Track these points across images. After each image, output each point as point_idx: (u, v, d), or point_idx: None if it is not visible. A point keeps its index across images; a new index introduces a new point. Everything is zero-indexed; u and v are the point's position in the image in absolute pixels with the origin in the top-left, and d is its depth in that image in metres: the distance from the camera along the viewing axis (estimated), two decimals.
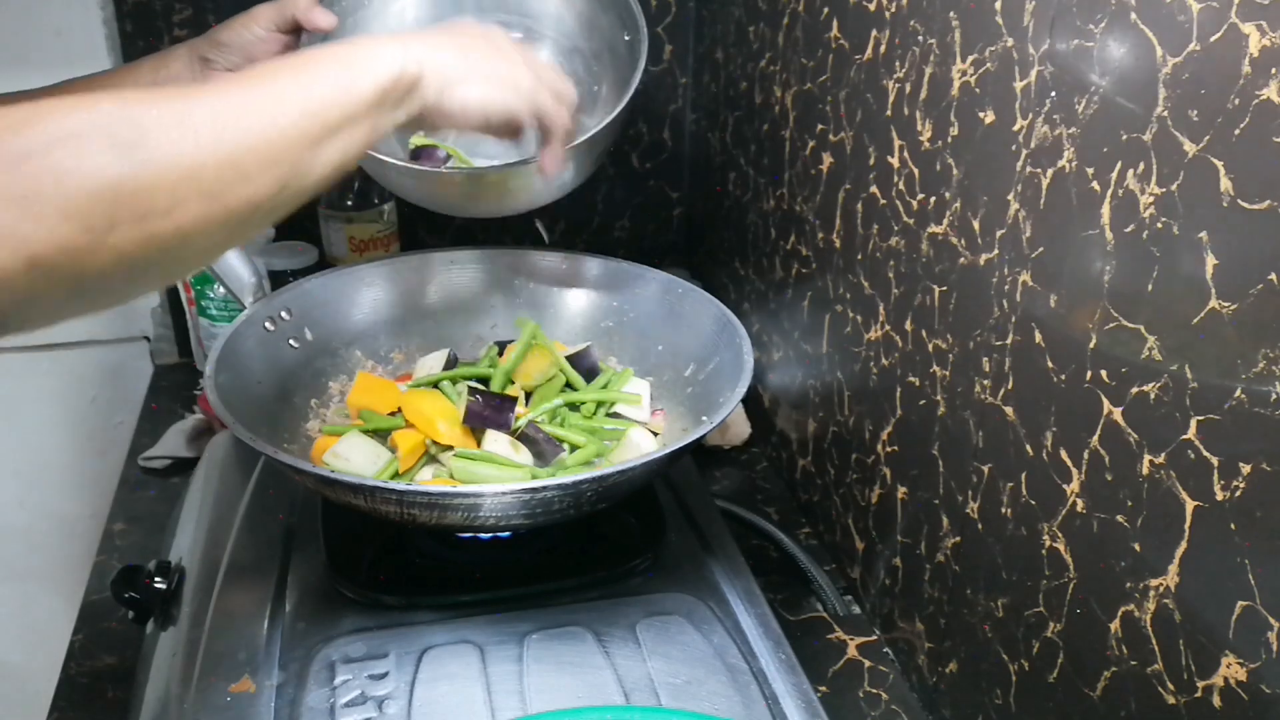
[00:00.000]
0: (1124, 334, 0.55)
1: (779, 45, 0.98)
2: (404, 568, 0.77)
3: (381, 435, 0.80)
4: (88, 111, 0.44)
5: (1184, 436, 0.51)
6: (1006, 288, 0.65)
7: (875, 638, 0.87)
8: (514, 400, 0.79)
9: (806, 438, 1.00)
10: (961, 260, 0.70)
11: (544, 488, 0.65)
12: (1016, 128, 0.63)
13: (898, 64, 0.76)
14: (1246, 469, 0.48)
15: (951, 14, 0.69)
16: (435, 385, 0.84)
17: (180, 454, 1.08)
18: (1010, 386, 0.66)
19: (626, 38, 0.91)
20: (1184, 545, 0.52)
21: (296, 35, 0.83)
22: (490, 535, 0.77)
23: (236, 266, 0.84)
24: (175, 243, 0.46)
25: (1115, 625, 0.58)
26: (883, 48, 0.78)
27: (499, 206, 0.88)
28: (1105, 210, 0.55)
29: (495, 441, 0.77)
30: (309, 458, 0.80)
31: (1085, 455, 0.59)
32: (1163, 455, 0.53)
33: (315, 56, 0.57)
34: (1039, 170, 0.61)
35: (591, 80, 0.97)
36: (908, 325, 0.78)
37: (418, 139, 0.91)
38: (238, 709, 0.65)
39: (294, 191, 0.52)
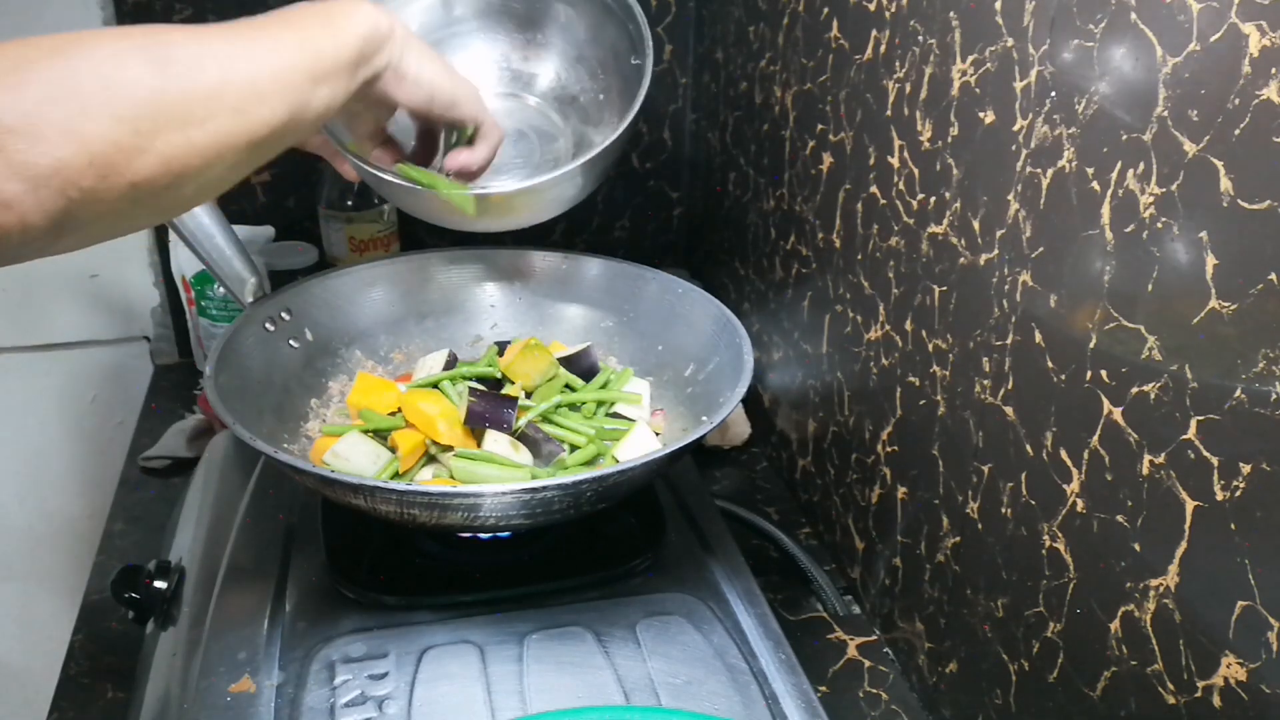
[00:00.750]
0: (1124, 334, 0.55)
1: (779, 45, 0.98)
2: (404, 568, 0.77)
3: (381, 435, 0.80)
4: (124, 37, 0.51)
5: (1184, 436, 0.51)
6: (1006, 288, 0.65)
7: (875, 638, 0.87)
8: (514, 400, 0.79)
9: (806, 438, 1.00)
10: (961, 260, 0.70)
11: (544, 488, 0.65)
12: (1016, 128, 0.63)
13: (898, 64, 0.76)
14: (1246, 469, 0.48)
15: (951, 14, 0.69)
16: (435, 385, 0.84)
17: (180, 454, 1.08)
18: (1010, 386, 0.66)
19: (635, 61, 0.91)
20: (1184, 545, 0.52)
21: None
22: (490, 535, 0.77)
23: (236, 266, 0.84)
24: (212, 153, 0.52)
25: (1115, 625, 0.58)
26: (883, 48, 0.78)
27: (503, 222, 0.88)
28: (1105, 210, 0.55)
29: (495, 441, 0.77)
30: (309, 458, 0.80)
31: (1085, 455, 0.59)
32: (1163, 455, 0.53)
33: (305, 13, 0.61)
34: (1039, 170, 0.61)
35: (597, 90, 0.97)
36: (908, 325, 0.78)
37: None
38: (238, 709, 0.64)
39: (299, 123, 0.58)
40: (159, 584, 0.77)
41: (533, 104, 0.99)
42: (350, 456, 0.76)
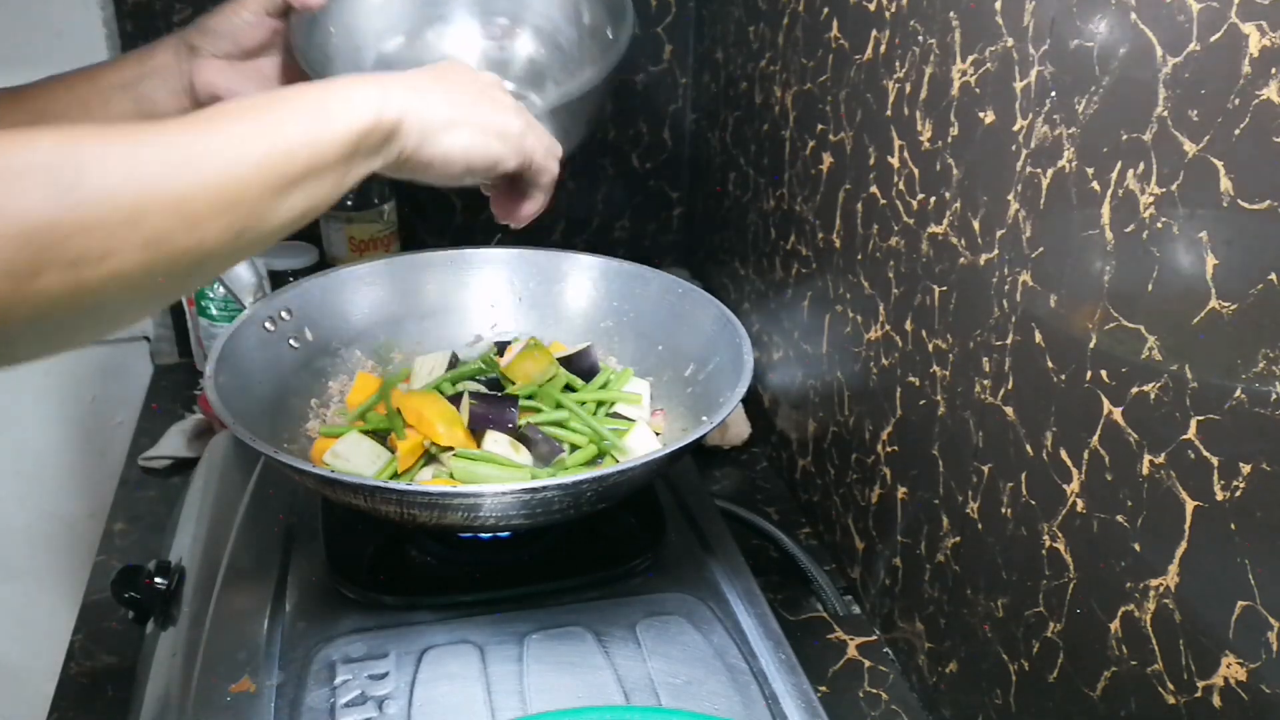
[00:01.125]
0: (1124, 334, 0.55)
1: (779, 45, 0.98)
2: (404, 568, 0.77)
3: (381, 435, 0.80)
4: (25, 147, 0.40)
5: (1184, 436, 0.51)
6: (1006, 288, 0.65)
7: (875, 638, 0.87)
8: (515, 399, 0.79)
9: (806, 438, 1.00)
10: (961, 260, 0.70)
11: (544, 488, 0.65)
12: (1016, 128, 0.63)
13: (898, 64, 0.76)
14: (1246, 469, 0.48)
15: (951, 14, 0.69)
16: (437, 387, 0.84)
17: (180, 454, 1.08)
18: (1010, 386, 0.66)
19: (610, 34, 0.91)
20: (1184, 545, 0.52)
21: (285, 18, 0.81)
22: (490, 535, 0.77)
23: (237, 266, 0.84)
24: (109, 293, 0.42)
25: (1115, 625, 0.58)
26: (883, 48, 0.78)
27: None
28: (1105, 210, 0.55)
29: (495, 442, 0.77)
30: (309, 458, 0.80)
31: (1085, 455, 0.59)
32: (1163, 455, 0.53)
33: (286, 96, 0.53)
34: (1039, 170, 0.61)
35: (573, 70, 0.97)
36: (908, 325, 0.78)
37: None
38: (238, 709, 0.64)
39: (251, 240, 0.48)
40: (159, 584, 0.77)
41: (509, 90, 0.99)
42: (350, 456, 0.76)
